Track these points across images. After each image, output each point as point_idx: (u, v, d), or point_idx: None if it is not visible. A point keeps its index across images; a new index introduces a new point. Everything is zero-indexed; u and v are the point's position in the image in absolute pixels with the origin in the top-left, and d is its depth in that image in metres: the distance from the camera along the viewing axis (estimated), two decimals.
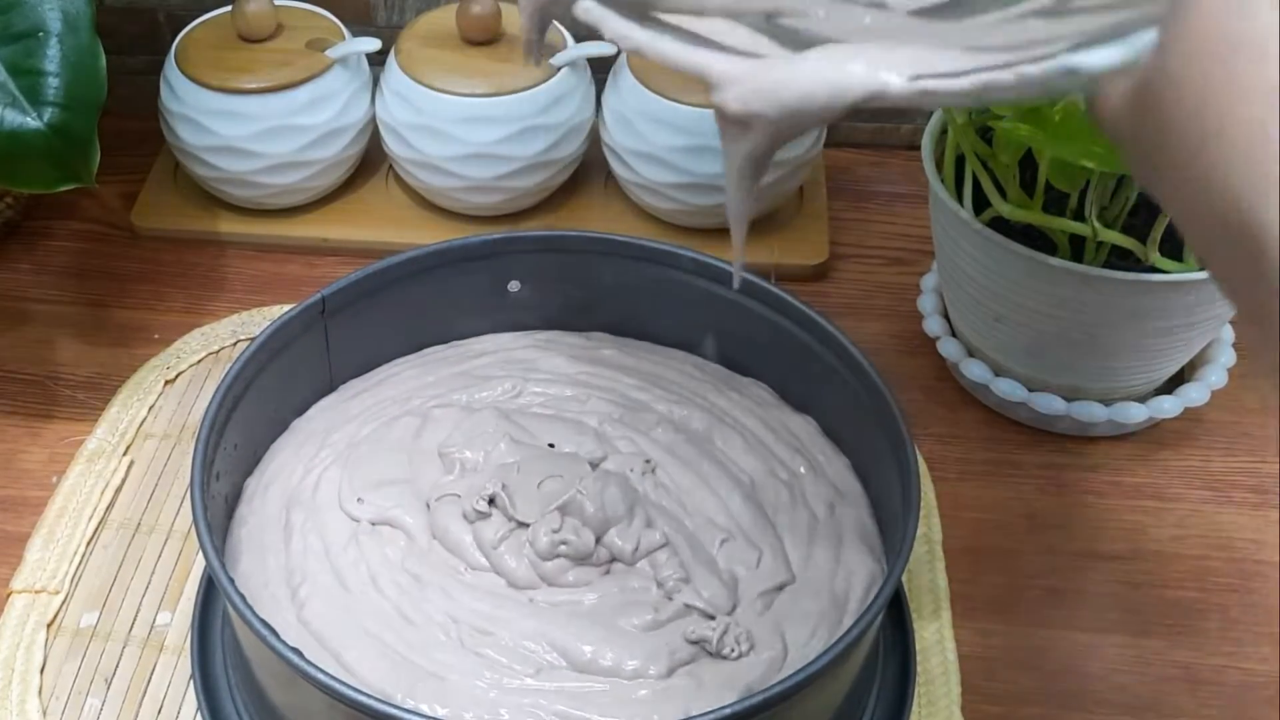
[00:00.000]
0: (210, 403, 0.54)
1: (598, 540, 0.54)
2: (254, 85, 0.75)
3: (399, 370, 0.64)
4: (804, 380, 0.61)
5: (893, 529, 0.55)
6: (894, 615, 0.58)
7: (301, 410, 0.62)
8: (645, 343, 0.65)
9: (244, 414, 0.56)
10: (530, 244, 0.64)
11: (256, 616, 0.47)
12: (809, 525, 0.56)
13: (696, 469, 0.58)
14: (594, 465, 0.57)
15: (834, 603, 0.54)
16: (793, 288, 0.60)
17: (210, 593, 0.58)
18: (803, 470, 0.59)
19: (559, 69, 0.75)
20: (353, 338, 0.62)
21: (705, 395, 0.62)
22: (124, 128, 0.86)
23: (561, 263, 0.64)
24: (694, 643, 0.51)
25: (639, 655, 0.51)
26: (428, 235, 0.75)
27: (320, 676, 0.46)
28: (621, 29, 0.42)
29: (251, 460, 0.59)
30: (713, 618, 0.52)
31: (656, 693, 0.50)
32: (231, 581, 0.49)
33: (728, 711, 0.45)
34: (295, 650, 0.47)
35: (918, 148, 0.82)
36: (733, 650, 0.51)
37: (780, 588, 0.54)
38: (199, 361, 0.72)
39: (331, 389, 0.63)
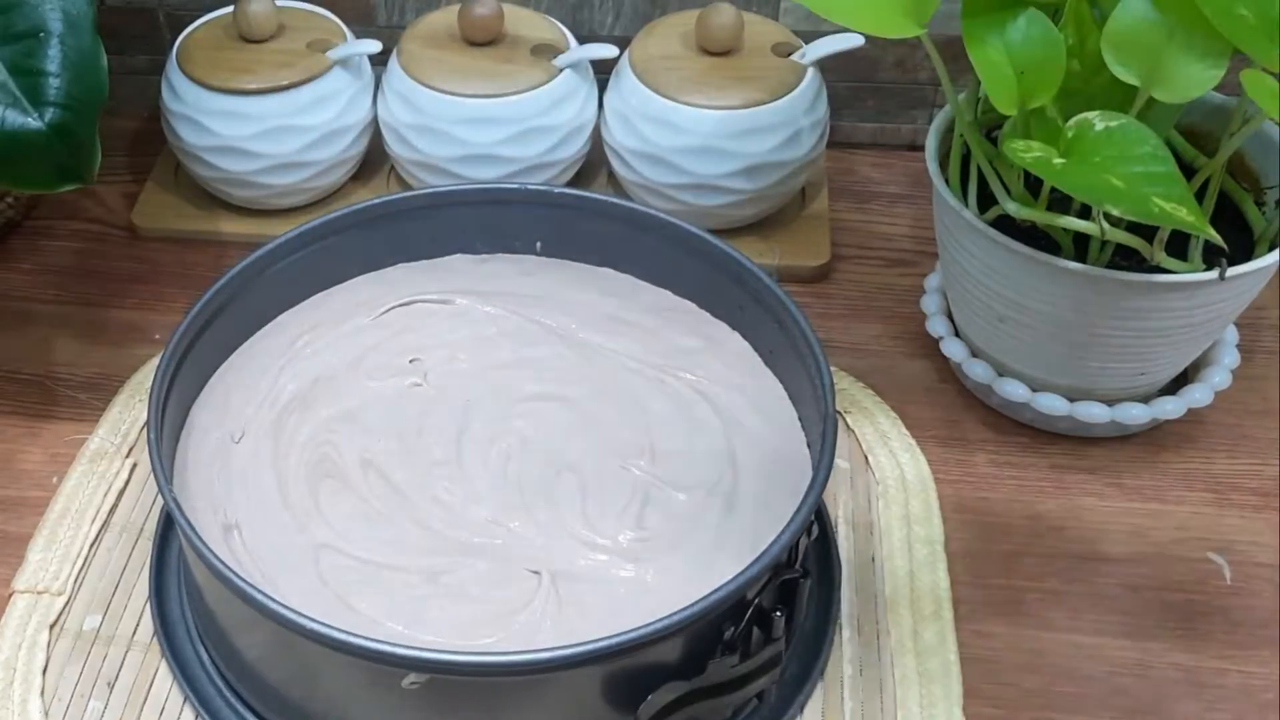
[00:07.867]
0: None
1: None
2: (255, 85, 0.75)
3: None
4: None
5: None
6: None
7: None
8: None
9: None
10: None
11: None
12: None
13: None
14: None
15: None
16: (794, 289, 0.60)
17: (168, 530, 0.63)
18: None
19: (561, 70, 0.75)
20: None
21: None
22: (125, 128, 0.86)
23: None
24: None
25: None
26: None
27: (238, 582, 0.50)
28: None
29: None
30: None
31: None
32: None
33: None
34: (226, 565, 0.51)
35: (919, 148, 0.82)
36: None
37: None
38: None
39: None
